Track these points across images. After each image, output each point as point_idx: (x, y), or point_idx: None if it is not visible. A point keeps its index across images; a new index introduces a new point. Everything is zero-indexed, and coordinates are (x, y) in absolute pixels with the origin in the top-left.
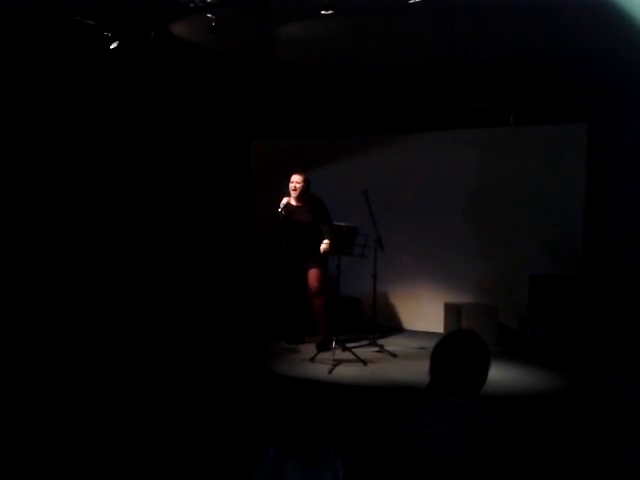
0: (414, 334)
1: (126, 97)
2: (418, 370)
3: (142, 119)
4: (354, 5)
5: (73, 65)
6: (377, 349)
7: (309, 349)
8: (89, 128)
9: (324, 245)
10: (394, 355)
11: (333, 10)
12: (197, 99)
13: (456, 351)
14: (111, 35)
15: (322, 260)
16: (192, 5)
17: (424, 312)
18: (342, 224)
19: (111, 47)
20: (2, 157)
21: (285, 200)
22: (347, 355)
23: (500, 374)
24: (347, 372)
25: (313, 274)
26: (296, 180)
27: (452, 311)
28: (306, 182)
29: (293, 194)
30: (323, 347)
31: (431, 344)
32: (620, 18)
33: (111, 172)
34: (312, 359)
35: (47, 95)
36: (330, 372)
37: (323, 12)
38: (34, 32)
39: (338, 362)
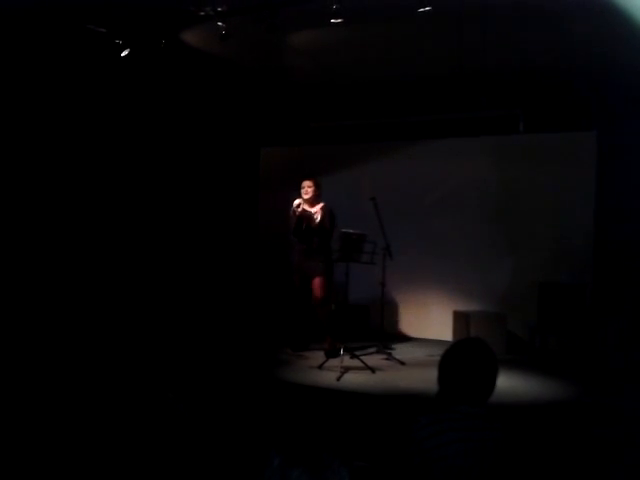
0: (422, 342)
1: (137, 104)
2: (426, 378)
3: (153, 125)
4: (363, 14)
5: (84, 73)
6: (385, 357)
7: (317, 356)
8: (100, 134)
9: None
10: (402, 363)
11: (342, 19)
12: (207, 106)
13: (464, 359)
14: (122, 43)
15: (328, 268)
16: (203, 13)
17: (432, 320)
18: (351, 231)
19: (122, 55)
20: (16, 163)
21: (298, 201)
22: (355, 362)
23: (509, 383)
24: (355, 379)
25: (318, 282)
26: (307, 184)
27: (461, 319)
28: (317, 186)
29: (305, 197)
30: (332, 354)
31: (439, 352)
32: (631, 27)
33: (121, 177)
34: (320, 366)
35: (58, 103)
36: (338, 379)
37: (332, 21)
38: (46, 40)
39: (346, 369)
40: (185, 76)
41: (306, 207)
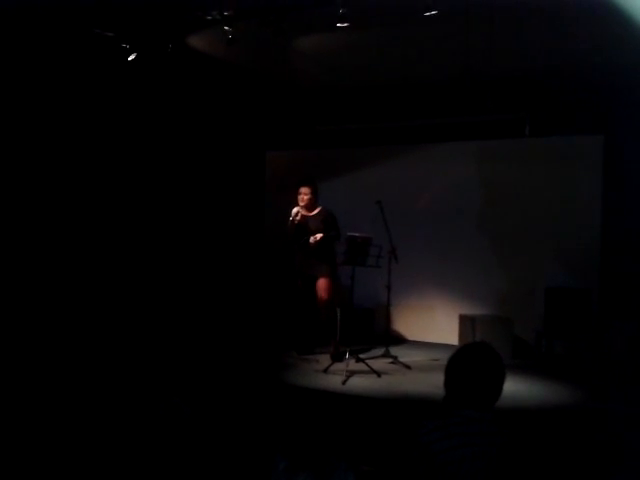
0: (428, 346)
1: (144, 108)
2: (432, 382)
3: (160, 129)
4: (369, 18)
5: (91, 77)
6: (391, 360)
7: (323, 360)
8: (107, 136)
9: (314, 237)
10: (408, 367)
11: (348, 23)
12: (213, 110)
13: (471, 364)
14: (129, 47)
15: (332, 271)
16: (209, 18)
17: (438, 323)
18: (356, 234)
19: (129, 59)
20: (22, 167)
21: (296, 209)
22: (361, 366)
23: (515, 387)
24: (360, 383)
25: (322, 285)
26: (304, 191)
27: (467, 323)
28: (314, 192)
29: (301, 204)
30: (337, 358)
31: (445, 356)
32: (638, 29)
33: (127, 181)
34: (325, 370)
35: (65, 106)
36: (344, 383)
37: (339, 25)
38: (53, 44)
39: (352, 373)
40: (191, 80)
41: (304, 212)
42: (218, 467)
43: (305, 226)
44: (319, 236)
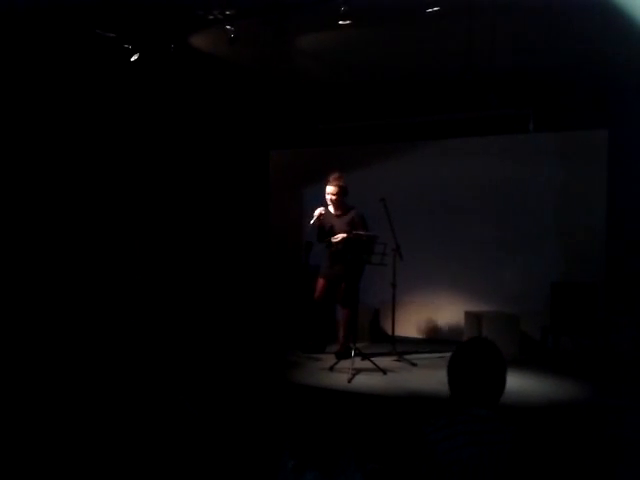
0: (434, 343)
1: (147, 108)
2: (438, 379)
3: (163, 129)
4: (371, 15)
5: (94, 77)
6: (396, 358)
7: (328, 358)
8: (110, 137)
9: (335, 238)
10: (414, 364)
11: (350, 20)
12: (216, 109)
13: (470, 361)
14: (131, 47)
15: (350, 272)
16: (211, 17)
17: (444, 321)
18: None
19: (131, 59)
20: (25, 169)
21: (318, 211)
22: (366, 364)
23: (522, 384)
24: (366, 381)
25: (345, 290)
26: (330, 191)
27: (472, 320)
28: (340, 190)
29: (329, 204)
30: (342, 356)
31: (451, 353)
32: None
33: (130, 182)
34: (331, 368)
35: (67, 108)
36: (349, 381)
37: (341, 22)
38: (55, 45)
39: (357, 371)
40: (194, 80)
41: (334, 213)
42: (225, 466)
43: (329, 229)
44: (340, 237)
